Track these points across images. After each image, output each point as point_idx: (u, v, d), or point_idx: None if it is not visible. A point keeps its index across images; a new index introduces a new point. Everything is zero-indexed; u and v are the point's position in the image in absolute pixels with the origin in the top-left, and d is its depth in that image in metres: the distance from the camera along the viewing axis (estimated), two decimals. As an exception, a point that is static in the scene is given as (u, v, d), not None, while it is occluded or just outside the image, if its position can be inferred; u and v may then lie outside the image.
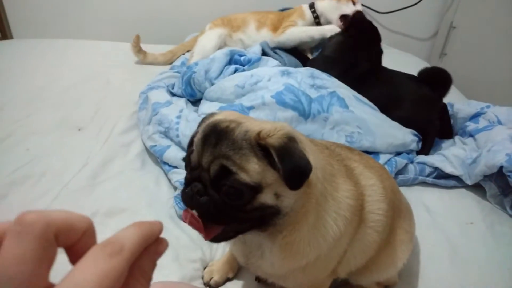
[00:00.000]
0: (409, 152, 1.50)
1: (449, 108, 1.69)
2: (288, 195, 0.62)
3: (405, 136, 1.47)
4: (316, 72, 1.55)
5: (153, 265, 0.31)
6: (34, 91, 1.86)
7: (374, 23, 1.89)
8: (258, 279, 1.01)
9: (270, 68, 1.61)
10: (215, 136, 0.62)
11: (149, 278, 0.30)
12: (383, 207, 0.78)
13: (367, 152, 1.43)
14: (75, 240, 0.28)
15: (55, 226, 0.26)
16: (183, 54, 2.23)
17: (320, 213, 0.68)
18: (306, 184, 0.62)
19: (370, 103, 1.55)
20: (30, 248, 0.25)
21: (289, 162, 0.58)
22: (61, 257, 0.28)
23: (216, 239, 0.64)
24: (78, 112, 1.71)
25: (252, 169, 0.59)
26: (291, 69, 1.54)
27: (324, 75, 1.55)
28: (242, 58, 1.74)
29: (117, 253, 0.27)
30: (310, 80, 1.48)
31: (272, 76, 1.49)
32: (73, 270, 0.26)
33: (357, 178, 0.75)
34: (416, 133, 1.53)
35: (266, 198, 0.61)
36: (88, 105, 1.77)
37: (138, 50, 2.20)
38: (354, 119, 1.42)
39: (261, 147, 0.60)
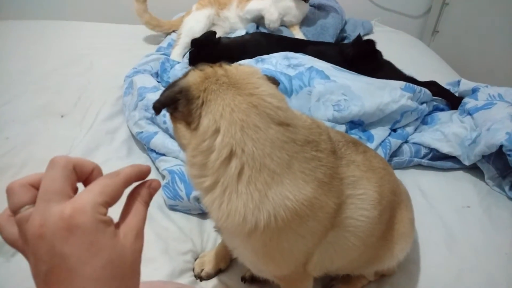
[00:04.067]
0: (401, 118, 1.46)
1: (450, 86, 1.67)
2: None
3: (392, 93, 1.42)
4: (290, 53, 1.52)
5: (150, 196, 0.46)
6: (13, 76, 1.77)
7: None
8: (244, 280, 0.98)
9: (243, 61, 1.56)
10: None
11: (145, 201, 0.45)
12: (368, 214, 0.73)
13: (359, 124, 1.41)
14: (87, 173, 0.44)
15: (72, 162, 0.41)
16: (169, 34, 2.15)
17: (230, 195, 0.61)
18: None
19: (349, 71, 1.51)
20: (58, 172, 0.40)
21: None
22: None
23: None
24: (60, 98, 1.63)
25: None
26: (264, 56, 1.52)
27: (298, 54, 1.52)
28: None
29: (114, 176, 0.42)
30: (285, 61, 1.46)
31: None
32: (88, 186, 0.41)
33: (339, 189, 0.68)
34: (406, 85, 1.47)
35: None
36: (71, 90, 1.69)
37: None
38: (338, 87, 1.39)
39: None
